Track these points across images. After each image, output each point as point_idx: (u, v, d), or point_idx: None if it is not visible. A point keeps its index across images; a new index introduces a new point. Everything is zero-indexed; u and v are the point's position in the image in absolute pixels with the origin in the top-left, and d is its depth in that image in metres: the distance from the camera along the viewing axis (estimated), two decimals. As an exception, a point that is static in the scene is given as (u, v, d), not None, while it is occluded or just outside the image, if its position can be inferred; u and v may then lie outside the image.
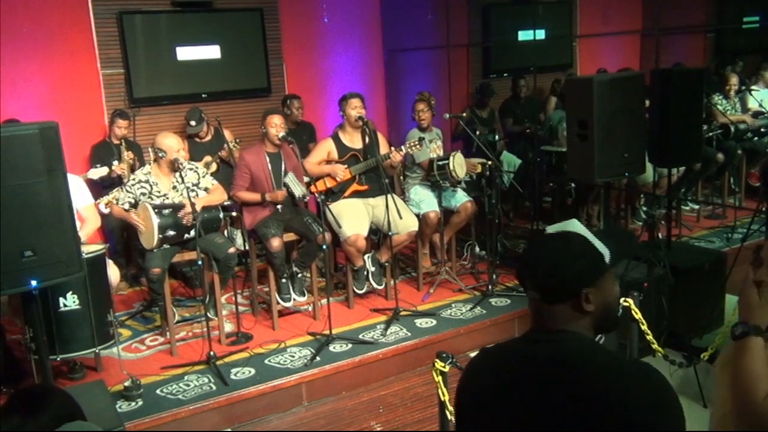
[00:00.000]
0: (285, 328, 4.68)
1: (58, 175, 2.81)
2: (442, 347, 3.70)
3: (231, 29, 6.36)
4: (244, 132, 6.17)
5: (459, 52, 7.50)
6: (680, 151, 4.53)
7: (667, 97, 4.39)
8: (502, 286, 5.15)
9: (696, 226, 6.44)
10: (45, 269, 2.80)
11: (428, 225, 5.18)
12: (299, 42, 6.77)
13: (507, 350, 1.58)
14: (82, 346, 3.88)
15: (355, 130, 4.99)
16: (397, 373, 4.30)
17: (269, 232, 4.57)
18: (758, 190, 6.60)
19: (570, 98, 4.53)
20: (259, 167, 4.72)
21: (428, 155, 5.22)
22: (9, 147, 2.66)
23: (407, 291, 5.25)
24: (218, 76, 6.34)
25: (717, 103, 6.57)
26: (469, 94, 7.74)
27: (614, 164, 4.22)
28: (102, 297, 3.95)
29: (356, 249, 4.77)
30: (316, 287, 4.88)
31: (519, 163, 6.55)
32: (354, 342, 4.39)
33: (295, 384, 3.99)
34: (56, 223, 2.81)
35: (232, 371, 4.05)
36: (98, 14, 5.81)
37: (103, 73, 5.89)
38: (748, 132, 6.61)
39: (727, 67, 7.29)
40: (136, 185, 4.41)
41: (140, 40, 5.99)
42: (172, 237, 4.29)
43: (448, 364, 2.91)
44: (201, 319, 4.46)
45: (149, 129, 5.85)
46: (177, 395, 3.82)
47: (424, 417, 3.79)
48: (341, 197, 4.95)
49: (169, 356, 4.35)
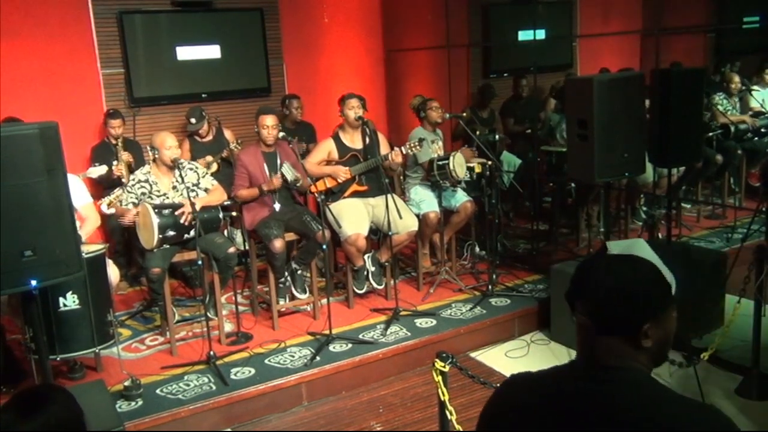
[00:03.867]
0: (285, 328, 4.68)
1: (58, 175, 2.80)
2: (442, 347, 3.71)
3: (231, 29, 6.37)
4: (244, 132, 6.17)
5: (459, 52, 7.48)
6: (680, 151, 4.52)
7: (667, 97, 4.39)
8: (502, 286, 5.15)
9: (696, 226, 6.44)
10: (45, 269, 2.79)
11: (428, 225, 5.18)
12: (299, 42, 6.78)
13: (549, 384, 1.39)
14: (82, 346, 3.88)
15: (355, 130, 4.99)
16: (397, 373, 4.30)
17: (271, 233, 4.57)
18: (758, 190, 6.59)
19: (570, 98, 4.52)
20: (255, 166, 4.73)
21: (430, 155, 5.22)
22: (9, 147, 2.65)
23: (407, 291, 5.25)
24: (218, 76, 6.34)
25: (718, 104, 6.56)
26: (470, 94, 7.74)
27: (614, 164, 4.22)
28: (102, 297, 3.94)
29: (356, 249, 4.78)
30: (316, 287, 4.88)
31: (519, 163, 6.55)
32: (354, 342, 4.38)
33: (295, 384, 3.99)
34: (56, 223, 2.81)
35: (232, 371, 4.05)
36: (98, 14, 5.82)
37: (103, 73, 5.90)
38: (748, 132, 6.61)
39: (727, 65, 7.29)
40: (137, 185, 4.42)
41: (140, 40, 5.99)
42: (172, 237, 4.29)
43: (448, 364, 2.91)
44: (201, 319, 4.46)
45: (149, 129, 5.85)
46: (177, 395, 3.82)
47: (424, 417, 3.79)
48: (341, 197, 4.96)
49: (169, 356, 4.35)
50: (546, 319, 4.78)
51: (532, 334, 4.80)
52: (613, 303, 1.31)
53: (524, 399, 1.39)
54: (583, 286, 1.37)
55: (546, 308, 4.79)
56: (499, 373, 4.25)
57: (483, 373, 3.90)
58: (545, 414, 1.33)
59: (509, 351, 4.59)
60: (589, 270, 1.39)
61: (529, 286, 5.22)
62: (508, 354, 4.55)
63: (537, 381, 1.42)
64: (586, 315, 1.35)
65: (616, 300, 1.31)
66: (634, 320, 1.31)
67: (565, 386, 1.35)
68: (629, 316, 1.31)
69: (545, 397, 1.36)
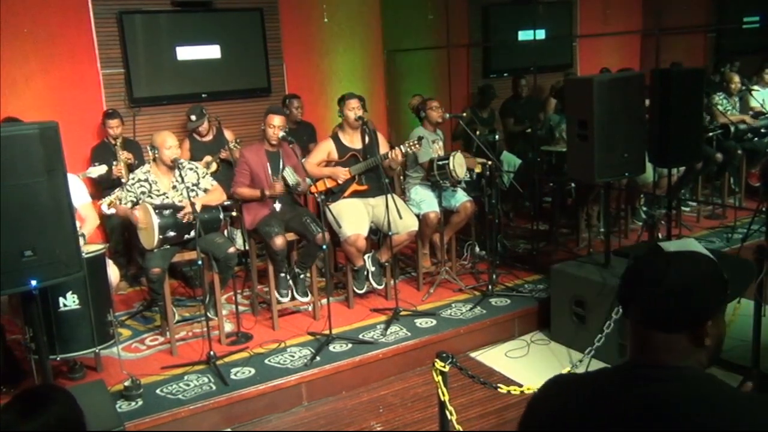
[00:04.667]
0: (285, 328, 4.68)
1: (58, 175, 2.80)
2: (442, 347, 3.71)
3: (231, 29, 6.37)
4: (244, 132, 6.17)
5: (459, 52, 7.49)
6: (680, 151, 4.52)
7: (667, 97, 4.39)
8: (502, 286, 5.15)
9: (696, 226, 6.44)
10: (45, 269, 2.79)
11: (428, 225, 5.18)
12: (299, 42, 6.77)
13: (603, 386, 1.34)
14: (82, 346, 3.88)
15: (354, 130, 4.99)
16: (397, 373, 4.30)
17: (272, 230, 4.57)
18: (758, 190, 6.59)
19: (570, 98, 4.52)
20: (258, 165, 4.72)
21: (430, 155, 5.22)
22: (9, 147, 2.65)
23: (407, 291, 5.25)
24: (218, 76, 6.34)
25: (718, 103, 6.57)
26: (470, 94, 7.74)
27: (614, 164, 4.22)
28: (102, 297, 3.94)
29: (356, 249, 4.77)
30: (316, 287, 4.88)
31: (519, 163, 6.55)
32: (354, 342, 4.38)
33: (295, 384, 3.99)
34: (56, 223, 2.81)
35: (232, 371, 4.05)
36: (98, 14, 5.81)
37: (103, 73, 5.90)
38: (748, 132, 6.61)
39: (727, 65, 7.29)
40: (136, 184, 4.42)
41: (140, 40, 5.99)
42: (173, 237, 4.29)
43: (448, 364, 2.91)
44: (201, 319, 4.46)
45: (149, 129, 5.85)
46: (177, 395, 3.82)
47: (424, 417, 3.79)
48: (341, 197, 4.96)
49: (169, 356, 4.35)
50: (546, 319, 4.78)
51: (532, 334, 4.80)
52: (678, 300, 1.27)
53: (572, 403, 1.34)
54: (642, 284, 1.31)
55: (546, 308, 4.79)
56: (499, 373, 4.25)
57: (483, 373, 3.90)
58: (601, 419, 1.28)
59: (509, 351, 4.59)
60: (646, 268, 1.33)
61: (529, 286, 5.22)
62: (508, 354, 4.55)
63: (587, 382, 1.38)
64: (645, 313, 1.30)
65: (681, 296, 1.27)
66: (699, 317, 1.28)
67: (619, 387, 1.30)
68: (696, 313, 1.27)
69: (601, 400, 1.30)
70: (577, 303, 4.45)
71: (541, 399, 1.41)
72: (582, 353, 4.07)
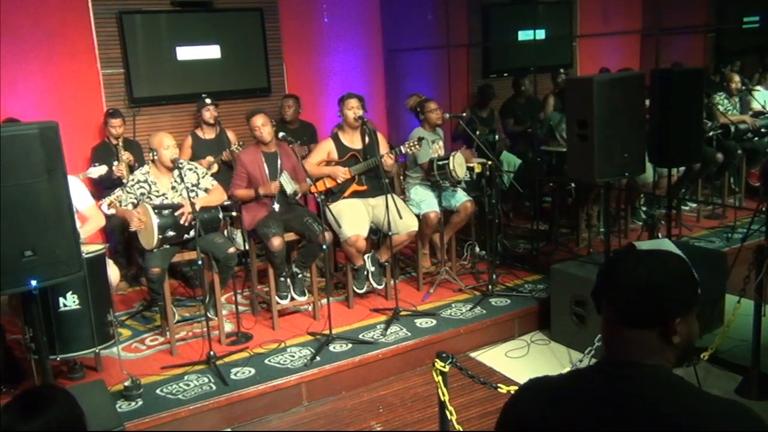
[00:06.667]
0: (285, 328, 4.68)
1: (58, 175, 2.80)
2: (442, 347, 3.71)
3: (231, 29, 6.37)
4: (244, 132, 6.14)
5: (459, 52, 7.49)
6: (680, 151, 4.53)
7: (667, 97, 4.39)
8: (502, 286, 5.15)
9: (696, 226, 6.44)
10: (45, 269, 2.79)
11: (428, 225, 5.18)
12: (299, 42, 6.78)
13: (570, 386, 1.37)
14: (82, 346, 3.88)
15: (354, 130, 4.99)
16: (397, 373, 4.30)
17: (270, 231, 4.57)
18: (758, 190, 6.60)
19: (570, 98, 4.52)
20: (255, 166, 4.73)
21: (429, 155, 5.21)
22: (9, 147, 2.65)
23: (407, 291, 5.25)
24: (218, 76, 6.34)
25: (718, 103, 6.57)
26: (469, 94, 7.74)
27: (614, 164, 4.22)
28: (102, 297, 3.94)
29: (356, 249, 4.77)
30: (316, 287, 4.88)
31: (519, 163, 6.55)
32: (354, 342, 4.39)
33: (295, 384, 3.99)
34: (56, 223, 2.81)
35: (232, 371, 4.05)
36: (98, 14, 5.81)
37: (103, 73, 5.90)
38: (748, 132, 6.61)
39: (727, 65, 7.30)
40: (136, 185, 4.42)
41: (140, 40, 5.99)
42: (172, 237, 4.29)
43: (448, 364, 2.91)
44: (201, 319, 4.46)
45: (149, 129, 5.85)
46: (177, 395, 3.82)
47: (424, 417, 3.79)
48: (341, 197, 4.96)
49: (169, 356, 4.35)
50: (546, 319, 4.78)
51: (532, 334, 4.80)
52: (646, 295, 1.29)
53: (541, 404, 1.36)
54: (613, 280, 1.34)
55: (546, 308, 4.79)
56: (499, 373, 4.25)
57: (483, 373, 3.90)
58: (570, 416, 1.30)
59: (509, 351, 4.59)
60: (618, 264, 1.36)
61: (529, 286, 5.22)
62: (508, 354, 4.55)
63: (557, 383, 1.40)
64: (616, 310, 1.33)
65: (649, 292, 1.29)
66: (667, 313, 1.29)
67: (588, 385, 1.33)
68: (662, 309, 1.29)
69: (569, 400, 1.33)
70: (577, 303, 4.45)
71: (512, 405, 1.43)
72: (582, 353, 4.07)
